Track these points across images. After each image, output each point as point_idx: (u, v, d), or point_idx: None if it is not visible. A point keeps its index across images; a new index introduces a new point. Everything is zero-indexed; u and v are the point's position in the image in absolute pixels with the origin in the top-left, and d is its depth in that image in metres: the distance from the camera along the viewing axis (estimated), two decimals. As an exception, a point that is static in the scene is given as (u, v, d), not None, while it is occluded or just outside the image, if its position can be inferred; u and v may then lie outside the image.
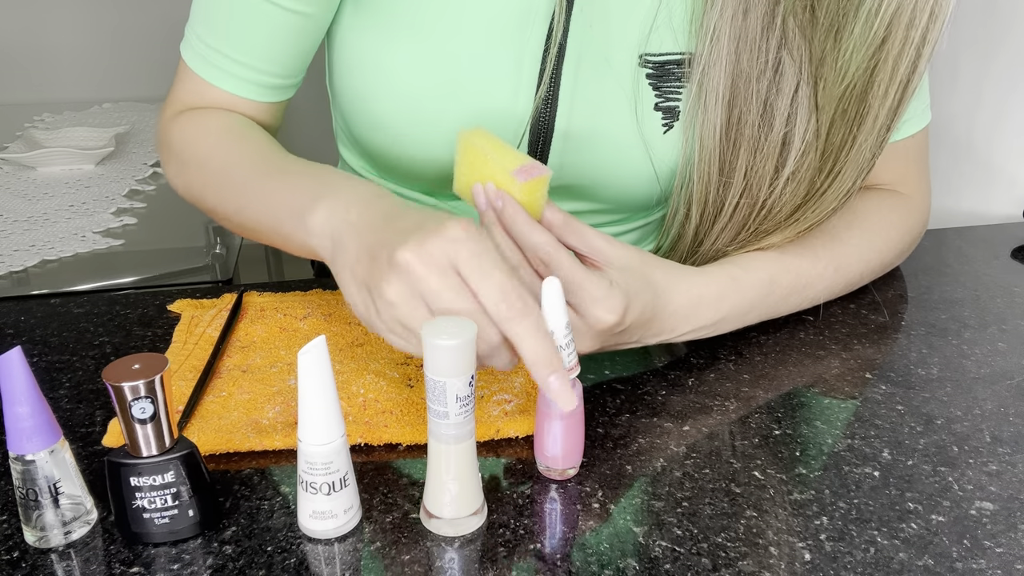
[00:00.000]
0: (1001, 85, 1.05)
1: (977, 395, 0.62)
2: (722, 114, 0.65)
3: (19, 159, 1.45)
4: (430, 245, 0.48)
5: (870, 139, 0.64)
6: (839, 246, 0.70)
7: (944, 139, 1.13)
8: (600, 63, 0.67)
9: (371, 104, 0.70)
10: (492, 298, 0.48)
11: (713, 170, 0.67)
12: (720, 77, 0.64)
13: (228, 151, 0.68)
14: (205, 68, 0.70)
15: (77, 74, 1.97)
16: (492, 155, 0.57)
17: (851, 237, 0.71)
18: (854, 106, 0.63)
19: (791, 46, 0.62)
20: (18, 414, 0.45)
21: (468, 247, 0.49)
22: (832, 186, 0.66)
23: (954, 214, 1.13)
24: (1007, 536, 0.49)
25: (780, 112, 0.64)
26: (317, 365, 0.45)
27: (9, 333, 0.70)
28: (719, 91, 0.64)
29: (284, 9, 0.66)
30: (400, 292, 0.49)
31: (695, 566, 0.47)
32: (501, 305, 0.48)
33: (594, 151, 0.70)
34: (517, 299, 0.48)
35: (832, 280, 0.70)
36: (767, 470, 0.54)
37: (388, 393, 0.59)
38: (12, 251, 1.14)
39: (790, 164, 0.65)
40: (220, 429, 0.55)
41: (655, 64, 0.67)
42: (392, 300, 0.49)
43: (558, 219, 0.58)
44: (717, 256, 0.70)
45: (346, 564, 0.47)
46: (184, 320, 0.69)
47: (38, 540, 0.47)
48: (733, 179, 0.66)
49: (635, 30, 0.66)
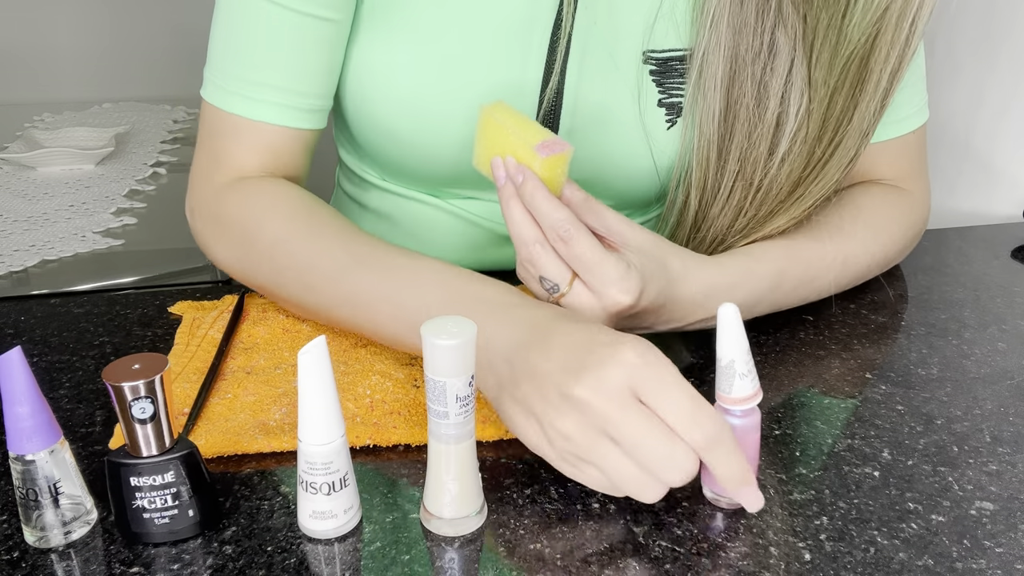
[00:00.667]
0: (1001, 85, 1.05)
1: (977, 395, 0.62)
2: (720, 100, 0.65)
3: (19, 159, 1.45)
4: (608, 379, 0.46)
5: (872, 105, 0.63)
6: (846, 239, 0.70)
7: (944, 139, 1.13)
8: (604, 60, 0.67)
9: (374, 107, 0.70)
10: (683, 424, 0.45)
11: (712, 156, 0.66)
12: (719, 63, 0.64)
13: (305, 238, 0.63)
14: (239, 103, 0.66)
15: (77, 74, 1.96)
16: (514, 129, 0.56)
17: (856, 231, 0.71)
18: (856, 73, 0.62)
19: (786, 24, 0.62)
20: (18, 414, 0.45)
21: (647, 373, 0.46)
22: (834, 157, 0.65)
23: (954, 214, 1.13)
24: (1007, 536, 0.49)
25: (774, 93, 0.63)
26: (317, 365, 0.45)
27: (9, 333, 0.70)
28: (717, 77, 0.64)
29: (314, 18, 0.64)
30: (578, 426, 0.46)
31: (695, 566, 0.47)
32: (695, 434, 0.45)
33: (598, 147, 0.70)
34: (709, 421, 0.45)
35: (839, 273, 0.70)
36: (767, 470, 0.54)
37: (395, 394, 0.59)
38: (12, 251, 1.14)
39: (783, 144, 0.64)
40: (227, 431, 0.55)
41: (659, 61, 0.67)
42: (569, 435, 0.47)
43: (578, 197, 0.57)
44: (716, 242, 0.70)
45: (346, 564, 0.47)
46: (186, 322, 0.69)
47: (38, 540, 0.47)
48: (729, 163, 0.66)
49: (639, 26, 0.67)
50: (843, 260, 0.70)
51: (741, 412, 0.49)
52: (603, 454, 0.46)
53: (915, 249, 0.85)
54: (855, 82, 0.63)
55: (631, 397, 0.46)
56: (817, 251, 0.68)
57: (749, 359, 0.48)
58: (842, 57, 0.62)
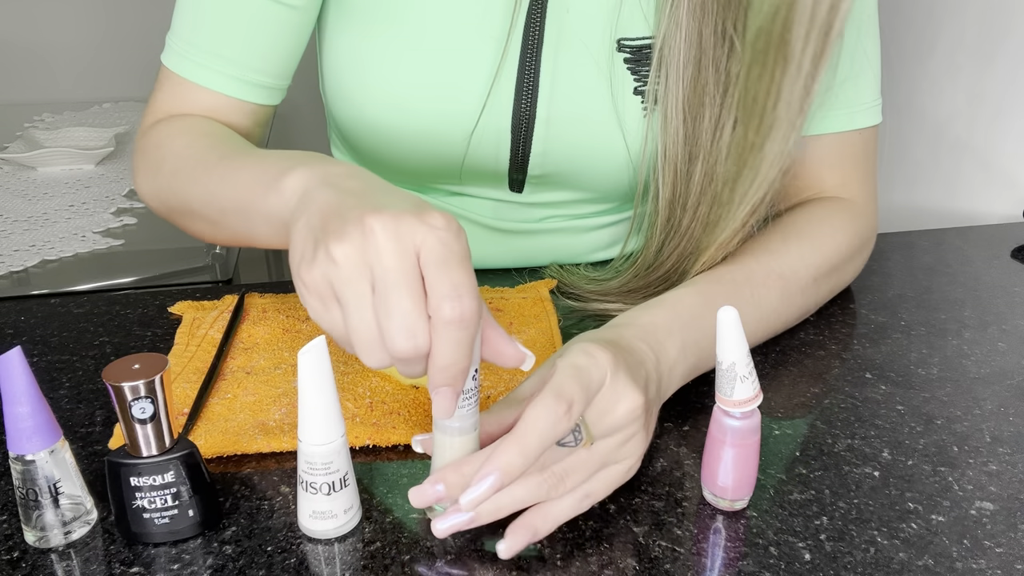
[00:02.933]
0: (1001, 85, 1.05)
1: (977, 395, 0.62)
2: (685, 86, 0.64)
3: (19, 159, 1.45)
4: (405, 223, 0.44)
5: (796, 88, 0.61)
6: (775, 257, 0.66)
7: (944, 139, 1.13)
8: (579, 48, 0.68)
9: (355, 101, 0.70)
10: (439, 294, 0.43)
11: (679, 142, 0.66)
12: (680, 49, 0.64)
13: (201, 144, 0.65)
14: (190, 68, 0.69)
15: (77, 74, 1.97)
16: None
17: (788, 248, 0.67)
18: (773, 51, 0.61)
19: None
20: (18, 414, 0.45)
21: (440, 237, 0.44)
22: (767, 144, 0.63)
23: (954, 214, 1.13)
24: (1007, 536, 0.49)
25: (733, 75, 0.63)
26: (317, 365, 0.45)
27: (9, 333, 0.70)
28: (680, 63, 0.64)
29: (276, 3, 0.66)
30: (349, 255, 0.44)
31: (695, 566, 0.47)
32: (445, 304, 0.43)
33: (577, 137, 0.70)
34: (469, 300, 0.43)
35: (783, 290, 0.65)
36: (767, 470, 0.54)
37: (394, 394, 0.59)
38: (12, 251, 1.14)
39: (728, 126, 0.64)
40: (227, 431, 0.55)
41: (632, 48, 0.67)
42: (337, 258, 0.44)
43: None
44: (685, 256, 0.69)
45: (346, 564, 0.47)
46: (186, 322, 0.69)
47: (38, 540, 0.47)
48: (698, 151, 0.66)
49: (610, 14, 0.67)
50: (779, 274, 0.65)
51: (741, 414, 0.49)
52: (358, 294, 0.44)
53: (915, 249, 0.85)
54: (774, 60, 0.61)
55: (413, 253, 0.44)
56: (746, 272, 0.64)
57: (749, 361, 0.48)
58: (752, 30, 0.61)
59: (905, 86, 1.18)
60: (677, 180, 0.68)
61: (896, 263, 0.83)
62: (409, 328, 0.43)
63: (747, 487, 0.50)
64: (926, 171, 1.18)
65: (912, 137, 1.19)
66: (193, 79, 0.69)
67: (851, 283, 0.78)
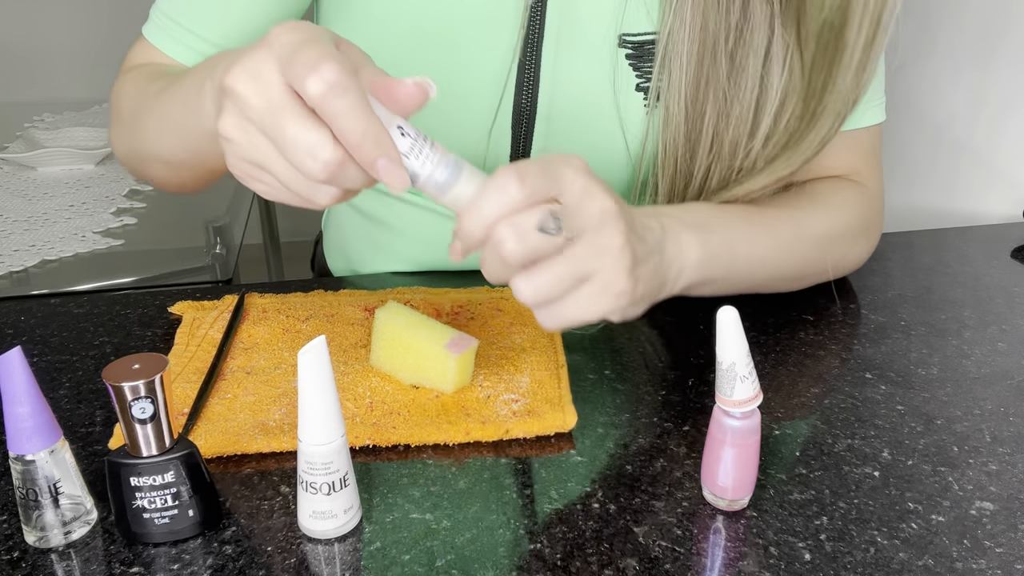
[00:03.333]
0: (1001, 85, 1.05)
1: (977, 395, 0.62)
2: (689, 82, 0.64)
3: (19, 159, 1.45)
4: (247, 62, 0.42)
5: (848, 78, 0.63)
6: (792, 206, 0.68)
7: (944, 139, 1.13)
8: (580, 43, 0.67)
9: None
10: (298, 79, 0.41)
11: (679, 139, 0.66)
12: (685, 43, 0.63)
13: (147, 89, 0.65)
14: (165, 41, 0.68)
15: (77, 74, 1.97)
16: (419, 329, 0.59)
17: (801, 202, 0.69)
18: (832, 43, 0.62)
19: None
20: (18, 414, 0.45)
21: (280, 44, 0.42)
22: (811, 132, 0.65)
23: (954, 214, 1.13)
24: (1007, 536, 0.49)
25: (752, 71, 0.63)
26: (317, 365, 0.45)
27: (9, 333, 0.70)
28: (684, 58, 0.64)
29: None
30: (233, 124, 0.43)
31: (695, 566, 0.47)
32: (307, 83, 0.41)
33: (578, 132, 0.70)
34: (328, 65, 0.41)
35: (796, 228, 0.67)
36: (767, 470, 0.54)
37: (394, 394, 0.59)
38: (12, 251, 1.14)
39: (765, 122, 0.64)
40: (227, 431, 0.55)
41: (634, 44, 0.67)
42: (229, 135, 0.43)
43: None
44: None
45: (346, 564, 0.47)
46: (186, 322, 0.69)
47: (38, 540, 0.47)
48: (701, 145, 0.66)
49: (612, 9, 0.66)
50: (794, 217, 0.67)
51: (741, 414, 0.49)
52: (262, 153, 0.44)
53: (915, 249, 0.85)
54: (832, 54, 0.62)
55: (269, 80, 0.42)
56: (761, 206, 0.67)
57: (749, 361, 0.48)
58: (817, 25, 0.62)
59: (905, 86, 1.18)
60: (676, 176, 0.68)
61: (896, 263, 0.83)
62: (307, 149, 0.42)
63: (747, 487, 0.50)
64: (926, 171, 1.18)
65: (912, 137, 1.18)
66: (167, 51, 0.68)
67: (851, 283, 0.78)
